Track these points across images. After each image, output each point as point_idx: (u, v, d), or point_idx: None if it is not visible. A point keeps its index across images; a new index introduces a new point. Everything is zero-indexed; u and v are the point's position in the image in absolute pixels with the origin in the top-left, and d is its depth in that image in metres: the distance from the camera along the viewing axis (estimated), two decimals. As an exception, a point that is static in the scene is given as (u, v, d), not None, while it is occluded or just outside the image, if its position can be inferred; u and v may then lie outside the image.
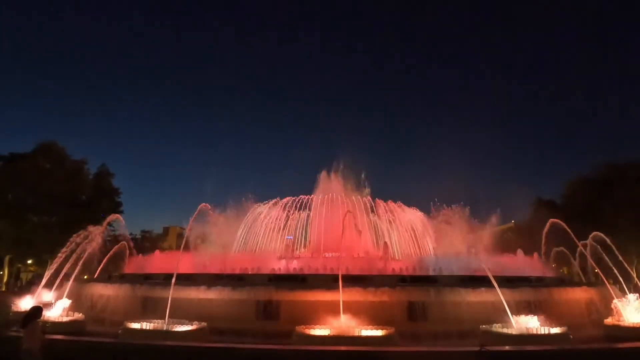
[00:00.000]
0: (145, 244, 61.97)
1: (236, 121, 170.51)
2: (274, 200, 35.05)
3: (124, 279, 21.44)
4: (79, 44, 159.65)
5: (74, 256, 21.88)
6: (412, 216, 33.78)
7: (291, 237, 34.19)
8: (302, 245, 34.45)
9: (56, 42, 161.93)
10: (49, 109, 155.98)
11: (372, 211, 33.49)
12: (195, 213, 22.01)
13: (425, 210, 33.56)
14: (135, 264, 23.98)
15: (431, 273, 20.57)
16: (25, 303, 22.67)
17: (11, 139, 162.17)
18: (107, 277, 23.19)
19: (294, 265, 22.39)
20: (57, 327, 17.17)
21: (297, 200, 34.67)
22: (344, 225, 19.72)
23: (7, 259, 48.49)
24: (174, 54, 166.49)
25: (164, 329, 15.86)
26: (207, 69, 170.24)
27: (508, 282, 18.34)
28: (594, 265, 20.52)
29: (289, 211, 34.45)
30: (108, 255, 24.93)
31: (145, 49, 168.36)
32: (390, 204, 34.07)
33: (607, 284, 18.69)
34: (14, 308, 22.23)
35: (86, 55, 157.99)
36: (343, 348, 13.54)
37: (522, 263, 22.77)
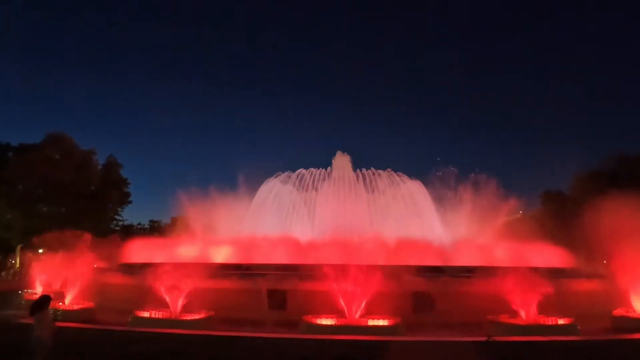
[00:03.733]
0: (154, 234, 62.50)
1: (246, 112, 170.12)
2: (285, 174, 33.70)
3: (131, 268, 21.66)
4: (87, 36, 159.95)
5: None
6: (414, 188, 32.42)
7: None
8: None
9: (64, 35, 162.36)
10: (58, 101, 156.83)
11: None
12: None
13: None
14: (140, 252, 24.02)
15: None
16: (37, 290, 23.09)
17: (20, 130, 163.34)
18: (116, 266, 23.43)
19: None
20: (67, 315, 17.46)
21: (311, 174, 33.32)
22: None
23: (18, 248, 49.23)
24: (183, 45, 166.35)
25: (173, 317, 16.08)
26: (215, 61, 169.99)
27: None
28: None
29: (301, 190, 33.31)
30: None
31: (153, 39, 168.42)
32: (390, 172, 32.97)
33: (616, 274, 18.52)
34: (26, 296, 22.64)
35: (93, 47, 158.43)
36: (350, 337, 13.63)
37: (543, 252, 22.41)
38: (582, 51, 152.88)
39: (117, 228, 59.10)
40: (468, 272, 18.90)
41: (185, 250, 22.74)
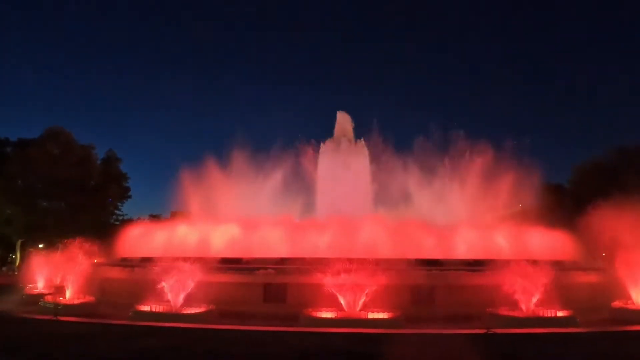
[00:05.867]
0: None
1: (245, 106, 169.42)
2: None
3: (131, 262, 21.70)
4: (84, 31, 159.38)
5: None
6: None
7: None
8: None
9: (62, 30, 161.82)
10: (56, 96, 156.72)
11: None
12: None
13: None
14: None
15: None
16: (37, 285, 23.19)
17: (18, 126, 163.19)
18: (116, 260, 23.48)
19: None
20: (68, 309, 17.51)
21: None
22: None
23: (18, 243, 49.30)
24: (180, 39, 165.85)
25: (173, 311, 16.12)
26: (212, 54, 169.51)
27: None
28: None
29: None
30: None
31: (150, 33, 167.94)
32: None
33: (615, 267, 18.60)
34: (27, 291, 22.75)
35: (91, 42, 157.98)
36: (350, 330, 13.68)
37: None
38: (584, 41, 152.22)
39: (117, 223, 59.16)
40: (468, 264, 18.99)
41: (184, 233, 22.74)
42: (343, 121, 34.61)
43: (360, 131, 34.28)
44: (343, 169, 31.64)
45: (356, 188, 30.90)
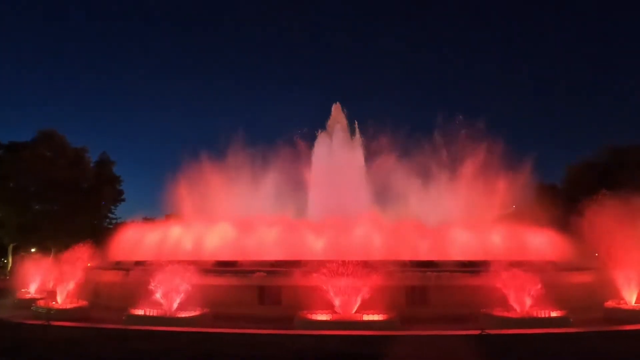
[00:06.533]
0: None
1: (240, 107, 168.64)
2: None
3: (125, 266, 21.54)
4: (77, 32, 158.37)
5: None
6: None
7: None
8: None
9: (54, 32, 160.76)
10: (48, 98, 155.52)
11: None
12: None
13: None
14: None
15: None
16: (30, 290, 22.98)
17: (9, 128, 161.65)
18: (109, 264, 23.30)
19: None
20: (61, 314, 17.35)
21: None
22: None
23: (10, 247, 48.82)
24: (177, 39, 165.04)
25: (167, 315, 16.03)
26: (208, 58, 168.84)
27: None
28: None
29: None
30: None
31: (144, 35, 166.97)
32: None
33: (608, 267, 18.71)
34: (19, 295, 22.54)
35: (84, 42, 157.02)
36: (345, 332, 13.67)
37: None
38: (578, 39, 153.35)
39: (111, 226, 58.79)
40: (462, 266, 19.04)
41: (179, 235, 22.60)
42: (337, 114, 34.41)
43: (357, 128, 34.21)
44: (337, 161, 31.40)
45: (350, 182, 30.70)
